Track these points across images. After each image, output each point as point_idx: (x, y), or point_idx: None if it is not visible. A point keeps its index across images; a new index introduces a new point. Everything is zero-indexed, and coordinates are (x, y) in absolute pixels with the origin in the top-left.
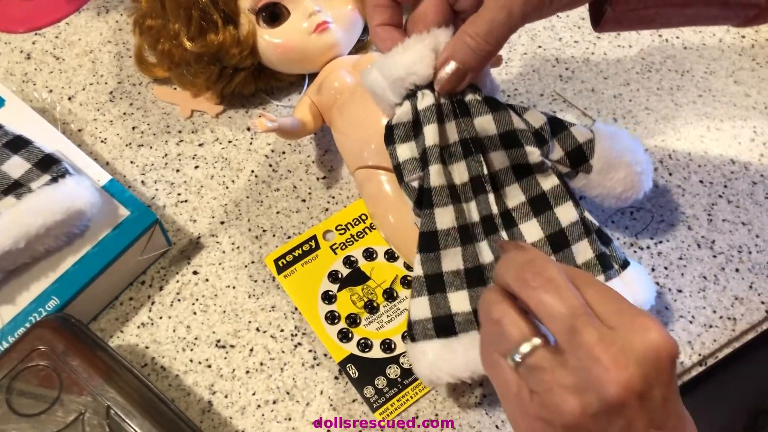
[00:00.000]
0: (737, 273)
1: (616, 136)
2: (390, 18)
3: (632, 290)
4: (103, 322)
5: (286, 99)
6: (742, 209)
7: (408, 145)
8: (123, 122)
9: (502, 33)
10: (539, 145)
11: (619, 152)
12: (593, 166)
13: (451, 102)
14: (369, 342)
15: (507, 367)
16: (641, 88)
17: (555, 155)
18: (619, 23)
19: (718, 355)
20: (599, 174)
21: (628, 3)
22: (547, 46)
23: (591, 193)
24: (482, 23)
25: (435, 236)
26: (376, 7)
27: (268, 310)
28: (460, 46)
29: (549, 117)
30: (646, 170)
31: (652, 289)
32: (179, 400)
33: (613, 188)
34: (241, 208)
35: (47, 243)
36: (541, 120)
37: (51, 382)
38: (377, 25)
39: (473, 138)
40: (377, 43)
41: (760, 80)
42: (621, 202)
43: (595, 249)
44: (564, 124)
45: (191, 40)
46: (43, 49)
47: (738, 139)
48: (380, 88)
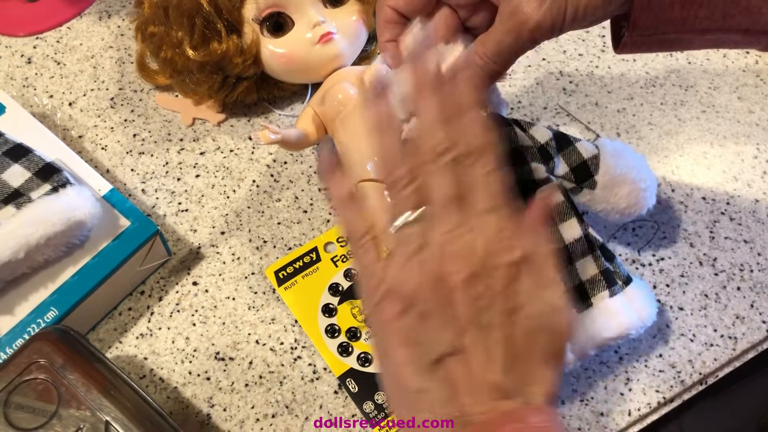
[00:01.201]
0: (738, 291)
1: (621, 152)
2: (400, 34)
3: (636, 307)
4: (102, 333)
5: (289, 108)
6: (744, 227)
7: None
8: (124, 129)
9: (509, 55)
10: (544, 161)
11: (624, 168)
12: (598, 181)
13: None
14: (369, 357)
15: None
16: (645, 102)
17: (560, 170)
18: (638, 47)
19: (718, 374)
20: (604, 189)
21: (646, 28)
22: (552, 59)
23: (595, 208)
24: (491, 44)
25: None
26: (386, 23)
27: (268, 322)
28: (468, 65)
29: (554, 132)
30: (650, 187)
31: (654, 306)
32: (177, 413)
33: (617, 204)
34: (242, 218)
35: (47, 253)
36: (546, 136)
37: (49, 396)
38: (387, 41)
39: None
40: (387, 60)
41: (764, 97)
42: (624, 217)
43: (599, 265)
44: (569, 139)
45: (194, 49)
46: (44, 54)
47: (741, 155)
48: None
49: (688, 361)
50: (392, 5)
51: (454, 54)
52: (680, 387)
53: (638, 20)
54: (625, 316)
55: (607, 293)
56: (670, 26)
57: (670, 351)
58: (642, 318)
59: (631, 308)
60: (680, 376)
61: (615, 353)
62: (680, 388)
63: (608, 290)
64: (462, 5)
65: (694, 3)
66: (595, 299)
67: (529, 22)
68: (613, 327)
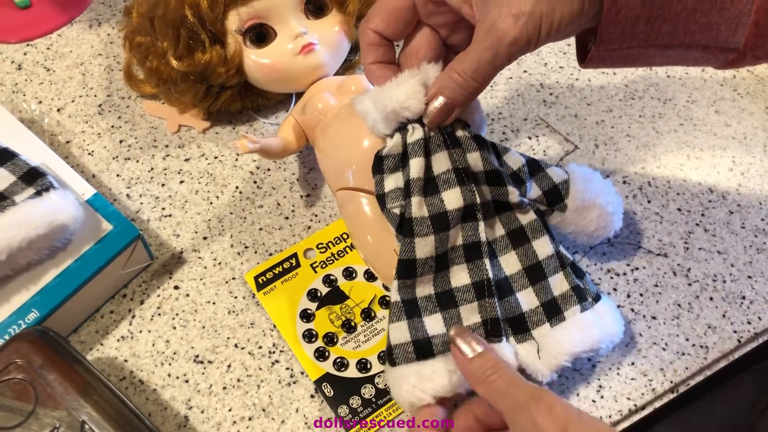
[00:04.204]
0: (711, 301)
1: (589, 177)
2: (383, 56)
3: (605, 323)
4: (84, 335)
5: (273, 117)
6: (718, 238)
7: (394, 176)
8: (111, 135)
9: (488, 71)
10: (517, 185)
11: (593, 193)
12: (568, 205)
13: (442, 134)
14: (345, 361)
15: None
16: (624, 115)
17: (533, 194)
18: (603, 61)
19: (689, 382)
20: (574, 213)
21: (612, 43)
22: (533, 71)
23: (565, 230)
24: (469, 61)
25: (413, 264)
26: (369, 46)
27: (247, 326)
28: (448, 82)
29: (527, 159)
30: (617, 211)
31: (621, 323)
32: (156, 415)
33: (586, 227)
34: (224, 224)
35: (29, 256)
36: (519, 162)
37: (27, 396)
38: (371, 63)
39: (465, 168)
40: (372, 81)
41: (741, 110)
42: (592, 240)
43: (570, 281)
44: (541, 165)
45: (178, 59)
46: (35, 60)
47: (717, 168)
48: (371, 119)
49: (660, 369)
50: (374, 28)
51: (438, 72)
52: (651, 395)
53: (605, 34)
54: (597, 329)
55: (578, 308)
56: (635, 41)
57: (642, 359)
58: (612, 333)
59: (602, 323)
60: (651, 384)
61: (588, 361)
62: (651, 396)
63: (579, 305)
64: (442, 25)
65: (658, 18)
66: (567, 313)
67: (505, 38)
68: (586, 340)
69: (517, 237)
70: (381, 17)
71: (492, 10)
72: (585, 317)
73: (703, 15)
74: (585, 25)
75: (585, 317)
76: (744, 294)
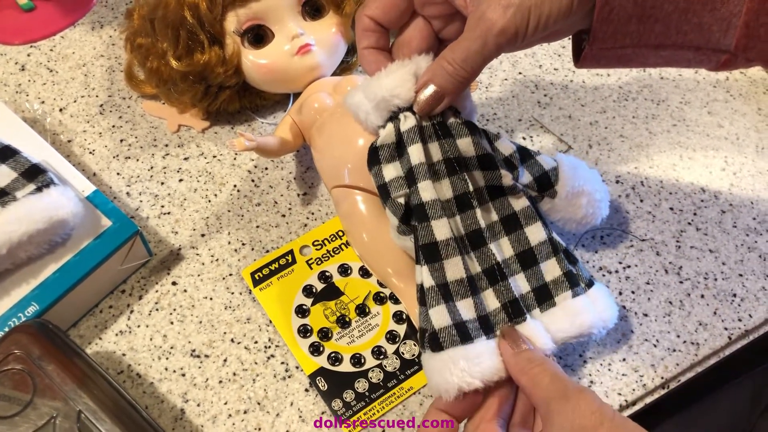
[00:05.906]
0: (702, 299)
1: (576, 166)
2: (377, 42)
3: (598, 308)
4: (83, 329)
5: (272, 116)
6: (710, 237)
7: (393, 165)
8: (111, 134)
9: (476, 61)
10: (510, 170)
11: (581, 180)
12: (558, 191)
13: (432, 124)
14: (339, 356)
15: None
16: (617, 116)
17: (524, 180)
18: (597, 61)
19: (680, 378)
20: (563, 199)
21: (605, 41)
22: (528, 73)
23: (554, 216)
24: (459, 51)
25: (436, 247)
26: (364, 32)
27: (244, 321)
28: (439, 71)
29: (517, 146)
30: (604, 198)
31: (615, 308)
32: (153, 407)
33: (575, 213)
34: (222, 222)
35: (29, 250)
36: (510, 149)
37: (25, 386)
38: (364, 48)
39: (456, 157)
40: (364, 66)
41: (733, 112)
42: (581, 227)
43: (562, 267)
44: (530, 153)
45: (178, 59)
46: (38, 62)
47: (709, 168)
48: (363, 111)
49: (651, 365)
50: (370, 15)
51: (429, 64)
52: (642, 390)
53: (598, 32)
54: (588, 315)
55: (570, 293)
56: (628, 40)
57: (634, 356)
58: (604, 319)
59: (594, 309)
60: (642, 380)
61: (579, 357)
62: (642, 392)
63: (571, 291)
64: (436, 16)
65: (650, 18)
66: (558, 299)
67: (493, 28)
68: (576, 325)
69: (510, 223)
70: (377, 4)
71: (483, 1)
72: (576, 303)
73: (694, 15)
74: (578, 25)
75: (576, 303)
76: (735, 292)
